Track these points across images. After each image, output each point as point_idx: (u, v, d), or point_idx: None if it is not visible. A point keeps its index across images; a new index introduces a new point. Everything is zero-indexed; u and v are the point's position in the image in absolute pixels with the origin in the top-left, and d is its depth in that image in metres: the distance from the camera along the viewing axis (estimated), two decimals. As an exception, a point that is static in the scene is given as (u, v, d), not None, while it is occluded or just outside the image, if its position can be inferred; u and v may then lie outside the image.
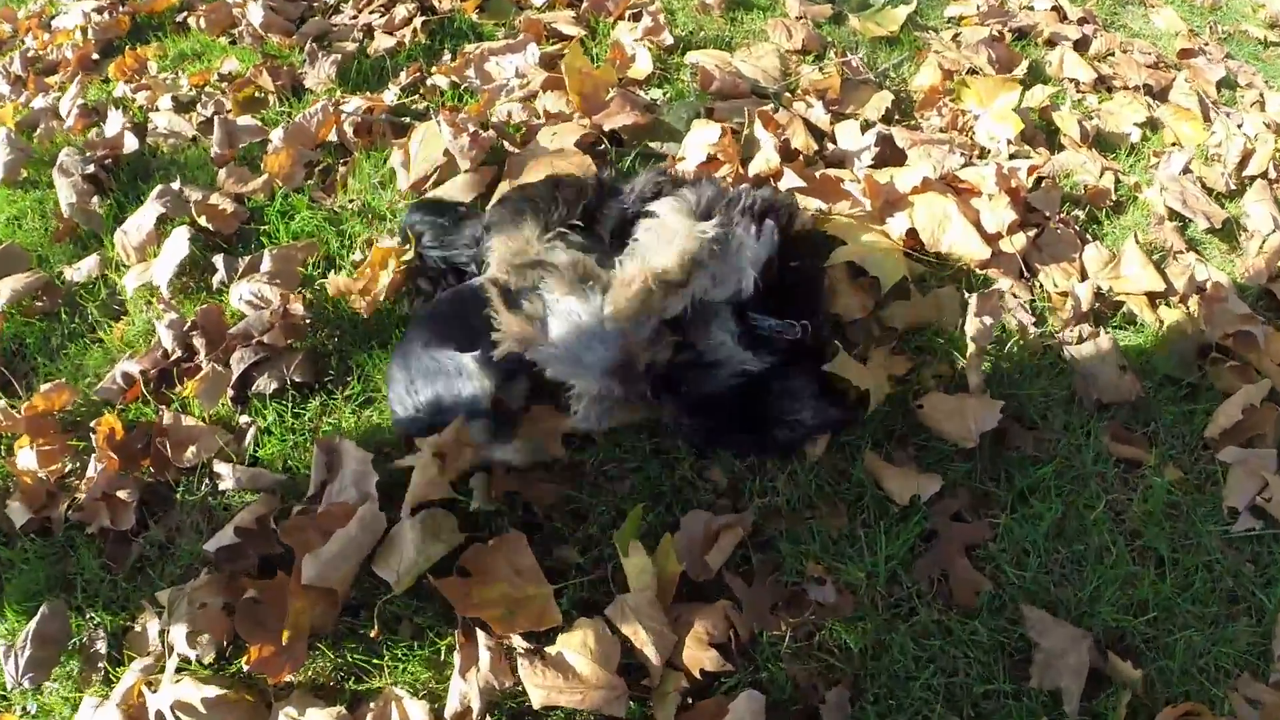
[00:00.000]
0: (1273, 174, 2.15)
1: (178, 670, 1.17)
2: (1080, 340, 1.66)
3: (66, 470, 1.47)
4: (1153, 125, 2.29)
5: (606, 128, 1.87)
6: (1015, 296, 1.70)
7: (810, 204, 1.75)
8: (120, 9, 2.60)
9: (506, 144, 1.85)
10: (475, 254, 1.41)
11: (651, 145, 1.95)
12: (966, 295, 1.64)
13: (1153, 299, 1.77)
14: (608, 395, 1.28)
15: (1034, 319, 1.69)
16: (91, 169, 1.88)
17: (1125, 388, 1.58)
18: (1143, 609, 1.33)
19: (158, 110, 2.09)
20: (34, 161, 2.10)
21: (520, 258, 1.29)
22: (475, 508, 1.27)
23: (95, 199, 1.90)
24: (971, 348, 1.52)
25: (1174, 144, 2.25)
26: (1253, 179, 2.13)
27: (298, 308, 1.42)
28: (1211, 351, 1.69)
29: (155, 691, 1.16)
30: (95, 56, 2.49)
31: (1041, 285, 1.76)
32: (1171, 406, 1.60)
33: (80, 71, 2.41)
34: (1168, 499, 1.46)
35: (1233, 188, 2.11)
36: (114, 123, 2.06)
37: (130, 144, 1.98)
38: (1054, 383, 1.58)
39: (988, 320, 1.55)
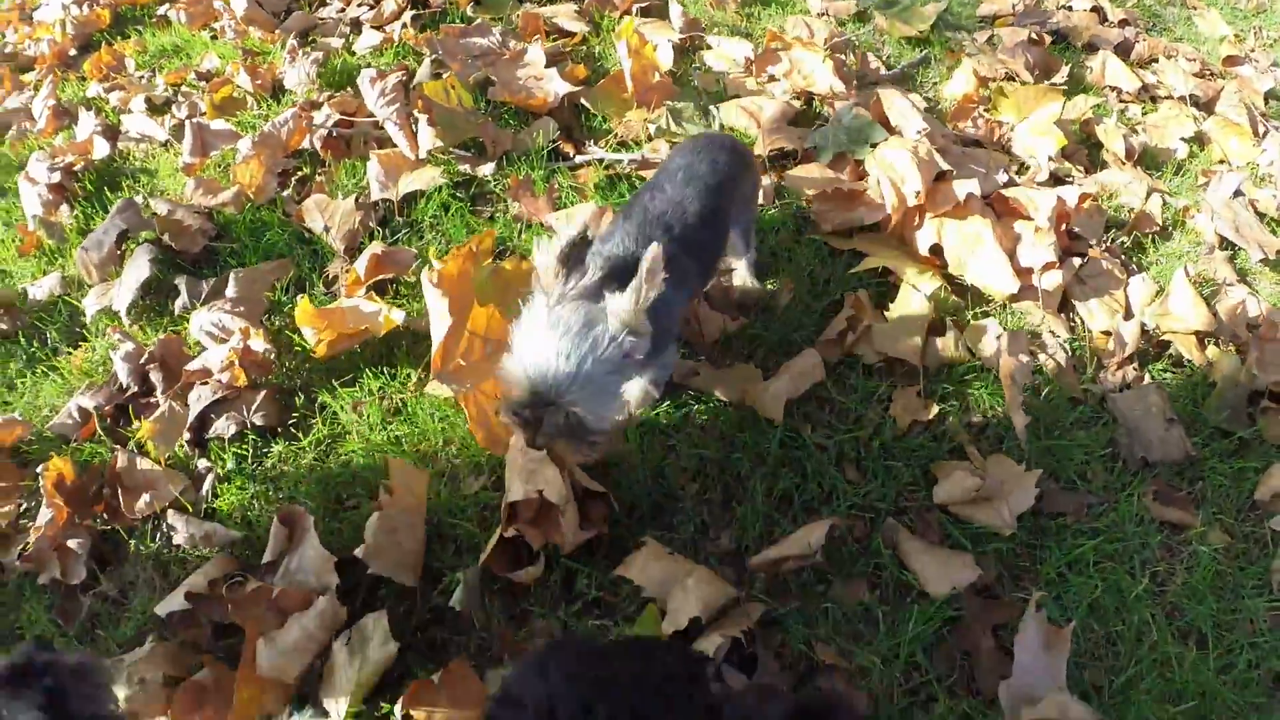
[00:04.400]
0: None
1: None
2: (1124, 388, 1.51)
3: (22, 509, 1.37)
4: (1199, 141, 2.11)
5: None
6: (1054, 335, 1.55)
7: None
8: (100, 2, 2.46)
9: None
10: None
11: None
12: (1000, 330, 1.49)
13: (1201, 339, 1.62)
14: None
15: (1073, 360, 1.54)
16: (58, 177, 1.75)
17: (1172, 444, 1.43)
18: (1180, 698, 1.19)
19: (130, 112, 1.96)
20: (4, 167, 1.97)
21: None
22: (456, 603, 1.13)
23: (64, 208, 1.77)
24: (1009, 389, 1.38)
25: (1222, 161, 2.08)
26: (1308, 202, 1.97)
27: (258, 343, 1.28)
28: (1264, 399, 1.54)
29: None
30: (73, 52, 2.35)
31: (1083, 322, 1.61)
32: (1220, 463, 1.44)
33: (56, 68, 2.28)
34: (1213, 568, 1.32)
35: (1289, 210, 1.95)
36: (86, 125, 1.93)
37: (101, 149, 1.85)
38: (1094, 437, 1.43)
39: (1024, 359, 1.40)
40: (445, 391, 1.29)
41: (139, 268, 1.47)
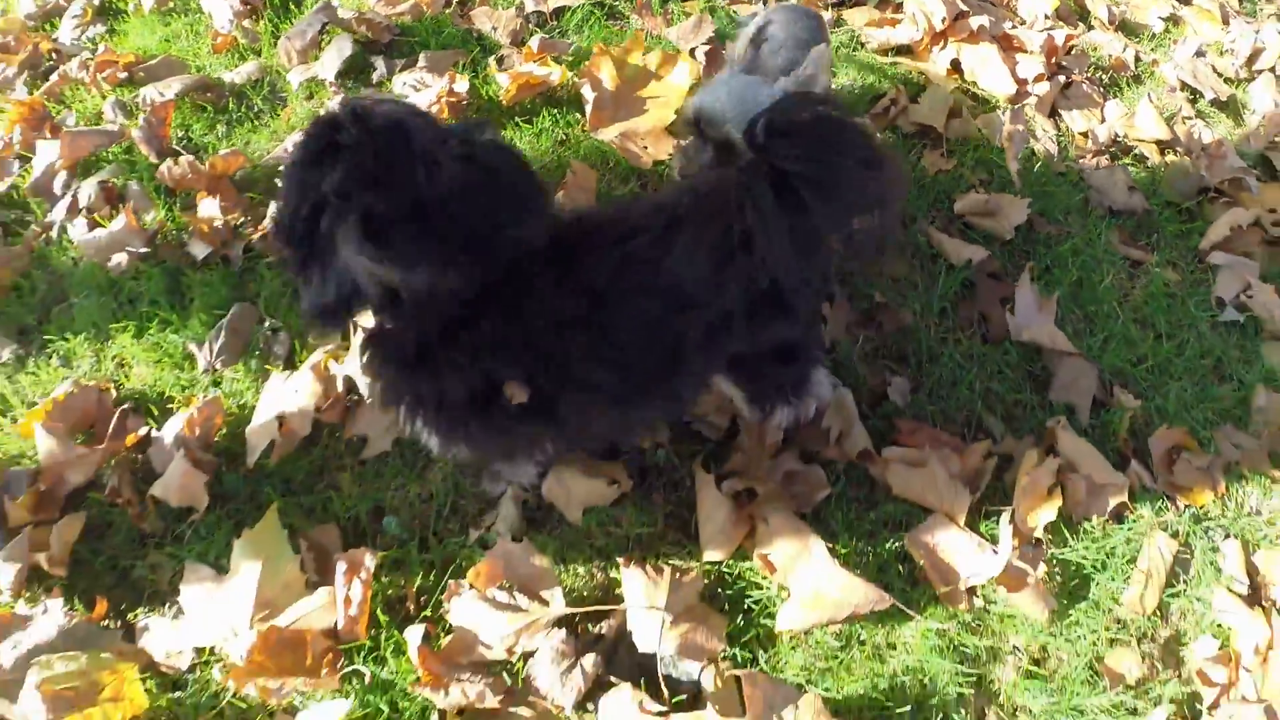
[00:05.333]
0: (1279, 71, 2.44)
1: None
2: (1097, 168, 1.97)
3: (240, 221, 1.77)
4: (1175, 20, 2.56)
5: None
6: (1045, 131, 2.01)
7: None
8: None
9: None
10: None
11: None
12: (1003, 117, 1.94)
13: (1162, 147, 2.07)
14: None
15: (1059, 150, 1.99)
16: (246, -10, 2.16)
17: (1133, 202, 1.89)
18: (1142, 361, 1.65)
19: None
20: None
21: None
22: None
23: (246, 23, 2.18)
24: (1009, 148, 1.83)
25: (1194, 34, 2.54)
26: (1260, 72, 2.42)
27: (462, 84, 1.71)
28: (1210, 192, 2.00)
29: (341, 363, 1.47)
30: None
31: (1067, 126, 2.06)
32: (1171, 225, 1.91)
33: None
34: (1164, 290, 1.77)
35: (1242, 77, 2.40)
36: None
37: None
38: (1072, 195, 1.89)
39: (1020, 128, 1.85)
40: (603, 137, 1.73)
41: (341, 47, 1.89)
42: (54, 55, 2.30)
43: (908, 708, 1.20)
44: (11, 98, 2.19)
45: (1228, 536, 1.46)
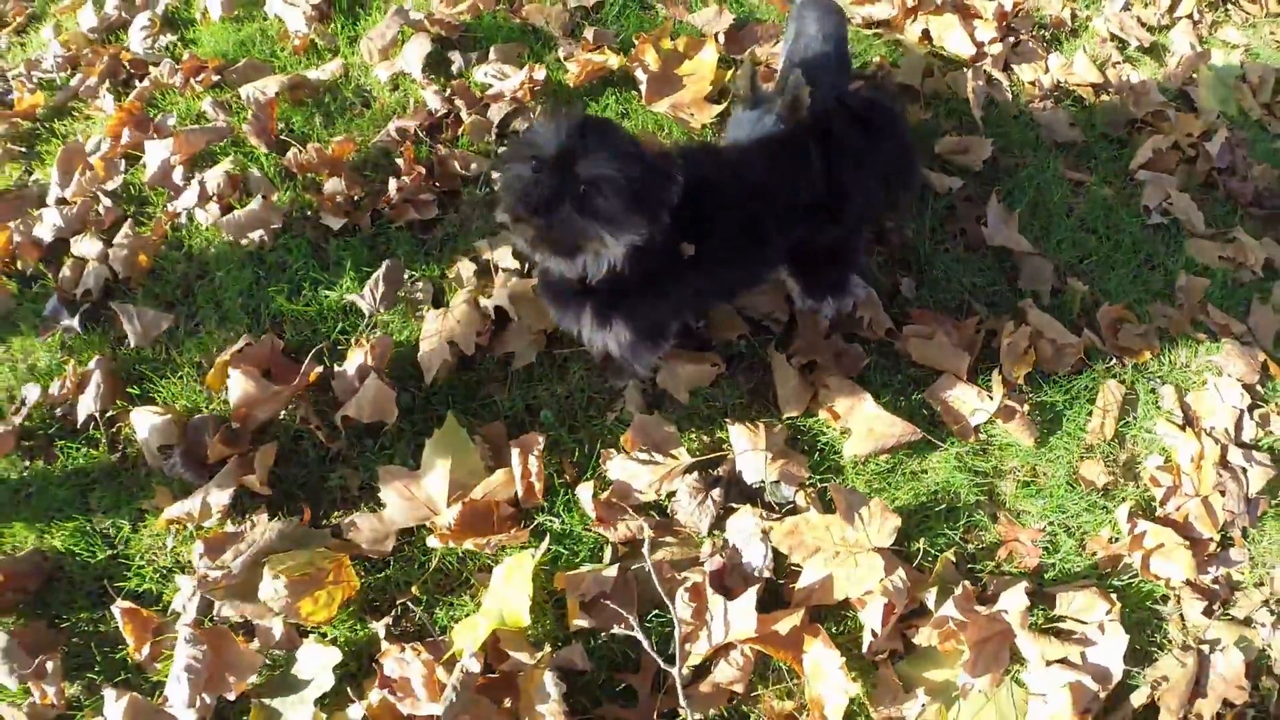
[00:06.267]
0: (1196, 16, 2.92)
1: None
2: (1044, 110, 2.43)
3: (361, 195, 2.10)
4: (1104, -21, 3.03)
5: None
6: (1000, 81, 2.45)
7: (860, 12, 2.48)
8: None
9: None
10: None
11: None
12: (967, 74, 2.38)
13: (1096, 89, 2.54)
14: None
15: (1013, 97, 2.44)
16: (318, 0, 2.45)
17: (1074, 135, 2.36)
18: (1088, 257, 2.12)
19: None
20: (242, 3, 2.62)
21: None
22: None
23: (315, 26, 2.48)
24: (973, 98, 2.27)
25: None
26: (1179, 19, 2.89)
27: (540, 73, 2.07)
28: (1137, 123, 2.48)
29: (489, 297, 1.84)
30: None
31: (1018, 77, 2.51)
32: (1106, 152, 2.38)
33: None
34: (1103, 203, 2.25)
35: (1164, 24, 2.86)
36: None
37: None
38: (1026, 132, 2.34)
39: (981, 83, 2.29)
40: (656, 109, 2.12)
41: (421, 45, 2.22)
42: (129, 65, 2.56)
43: (942, 507, 1.66)
44: (97, 104, 2.46)
45: (1165, 383, 1.95)
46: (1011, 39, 2.56)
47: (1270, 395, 1.97)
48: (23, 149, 2.38)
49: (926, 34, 2.49)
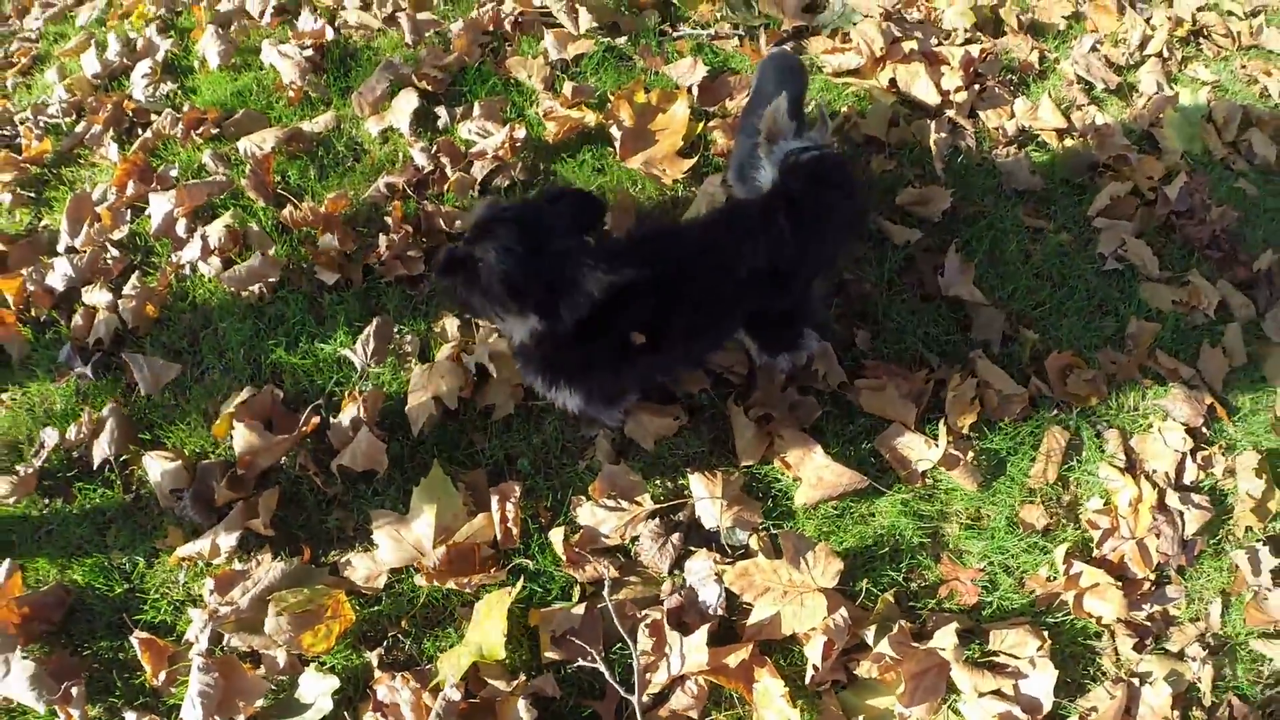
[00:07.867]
0: (1166, 53, 3.00)
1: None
2: (1007, 156, 2.54)
3: (354, 250, 2.24)
4: (1077, 17, 3.10)
5: None
6: (965, 129, 2.56)
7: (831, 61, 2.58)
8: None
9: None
10: None
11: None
12: (931, 125, 2.49)
13: (1060, 134, 2.64)
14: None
15: (977, 144, 2.55)
16: (310, 52, 2.58)
17: (1035, 182, 2.47)
18: (1041, 305, 2.24)
19: (345, 9, 2.77)
20: (240, 51, 2.76)
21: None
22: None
23: (308, 76, 2.60)
24: (935, 150, 2.39)
25: (1093, 31, 3.08)
26: (1148, 57, 2.98)
27: (521, 131, 2.20)
28: (1099, 167, 2.58)
29: (471, 354, 1.98)
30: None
31: (984, 123, 2.61)
32: (1066, 198, 2.49)
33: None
34: (1059, 250, 2.36)
35: (1133, 62, 2.95)
36: (306, 19, 2.73)
37: (329, 34, 2.67)
38: (987, 180, 2.45)
39: (944, 135, 2.40)
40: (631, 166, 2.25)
41: (409, 100, 2.35)
42: (132, 113, 2.68)
43: (887, 549, 1.80)
44: (102, 152, 2.60)
45: (1110, 427, 2.06)
46: (977, 86, 2.66)
47: (1215, 437, 2.09)
48: (32, 194, 2.53)
49: (894, 82, 2.59)
